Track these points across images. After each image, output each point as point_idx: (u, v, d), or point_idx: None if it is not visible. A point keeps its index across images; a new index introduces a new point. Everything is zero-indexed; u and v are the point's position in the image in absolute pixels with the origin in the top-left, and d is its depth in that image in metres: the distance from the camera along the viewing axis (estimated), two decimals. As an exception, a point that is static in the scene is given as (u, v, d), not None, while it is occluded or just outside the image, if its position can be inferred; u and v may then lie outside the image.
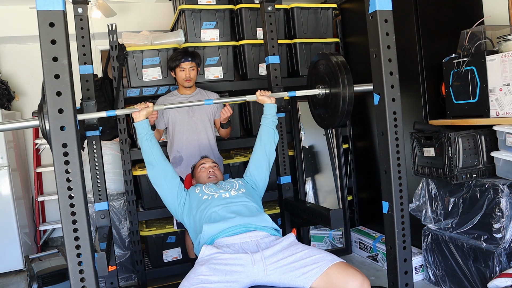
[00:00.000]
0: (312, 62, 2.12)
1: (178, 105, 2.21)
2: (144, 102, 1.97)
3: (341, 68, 1.83)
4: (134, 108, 1.95)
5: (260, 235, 1.78)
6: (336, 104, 1.86)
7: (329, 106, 1.95)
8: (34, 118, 1.46)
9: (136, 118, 1.96)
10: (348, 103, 1.81)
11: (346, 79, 1.81)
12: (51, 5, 1.09)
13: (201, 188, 2.09)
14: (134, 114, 1.96)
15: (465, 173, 2.30)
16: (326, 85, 1.97)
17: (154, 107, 1.97)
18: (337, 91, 1.84)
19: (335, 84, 1.86)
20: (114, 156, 3.19)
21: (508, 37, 2.20)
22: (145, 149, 1.99)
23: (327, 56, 1.95)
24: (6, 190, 3.44)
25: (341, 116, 1.86)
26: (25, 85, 4.17)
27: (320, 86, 2.00)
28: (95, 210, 2.34)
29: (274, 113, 2.17)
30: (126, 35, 2.96)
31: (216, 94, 2.87)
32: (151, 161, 1.99)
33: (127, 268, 3.13)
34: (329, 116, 1.98)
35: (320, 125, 2.17)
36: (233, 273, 1.57)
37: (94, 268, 1.14)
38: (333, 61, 1.87)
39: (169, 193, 2.03)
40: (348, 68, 1.84)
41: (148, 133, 1.98)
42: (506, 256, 2.17)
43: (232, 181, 2.16)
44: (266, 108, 2.18)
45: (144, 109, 1.95)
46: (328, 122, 2.01)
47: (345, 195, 3.29)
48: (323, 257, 1.59)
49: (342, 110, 1.84)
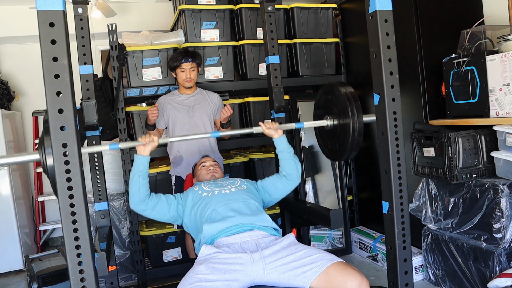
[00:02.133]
0: (319, 93, 2.09)
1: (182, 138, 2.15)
2: (149, 136, 1.90)
3: (351, 98, 1.81)
4: (139, 142, 1.88)
5: (260, 235, 1.78)
6: (345, 135, 1.83)
7: (338, 138, 1.92)
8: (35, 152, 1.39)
9: (140, 152, 1.89)
10: (358, 133, 1.78)
11: (356, 109, 1.78)
12: (51, 5, 1.09)
13: (200, 185, 2.09)
14: (138, 148, 1.90)
15: (465, 173, 2.30)
16: (334, 116, 1.94)
17: (159, 141, 1.90)
18: (346, 122, 1.81)
19: (344, 115, 1.83)
20: (114, 156, 3.19)
21: (508, 37, 2.20)
22: (134, 185, 1.89)
23: (335, 87, 1.92)
24: (6, 190, 3.44)
25: (351, 147, 1.83)
26: (25, 85, 4.18)
27: (328, 117, 1.98)
28: (95, 210, 2.34)
29: (286, 145, 2.09)
30: (126, 35, 2.96)
31: (216, 94, 2.87)
32: (137, 200, 1.90)
33: (127, 268, 3.13)
34: (338, 147, 1.95)
35: (329, 157, 2.12)
36: (232, 272, 1.57)
37: (94, 268, 1.14)
38: (342, 92, 1.86)
39: (175, 220, 2.04)
40: (358, 99, 1.82)
41: (145, 171, 1.90)
42: (506, 256, 2.17)
43: (234, 178, 2.16)
44: (277, 143, 2.09)
45: (150, 144, 1.88)
46: (337, 154, 1.97)
47: (345, 195, 3.29)
48: (323, 257, 1.59)
49: (352, 140, 1.80)
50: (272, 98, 2.44)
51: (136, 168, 1.90)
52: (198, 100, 2.76)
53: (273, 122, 2.10)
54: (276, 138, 2.08)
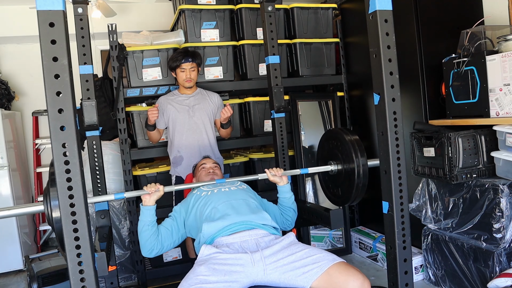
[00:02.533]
0: (322, 139, 2.12)
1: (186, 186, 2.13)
2: (155, 184, 1.87)
3: (355, 145, 1.85)
4: (144, 191, 1.85)
5: (260, 234, 1.78)
6: (350, 177, 1.86)
7: (344, 182, 1.95)
8: (39, 203, 1.39)
9: (145, 202, 1.86)
10: (363, 175, 1.82)
11: (360, 153, 1.82)
12: (51, 5, 1.09)
13: (199, 187, 2.09)
14: (143, 197, 1.87)
15: (465, 173, 2.30)
16: (338, 161, 1.96)
17: (164, 189, 1.87)
18: (351, 166, 1.84)
19: (348, 160, 1.86)
20: (114, 156, 3.19)
21: (508, 37, 2.20)
22: (144, 236, 1.86)
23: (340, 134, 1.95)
24: (6, 190, 3.44)
25: (356, 190, 1.86)
26: (25, 85, 4.18)
27: (332, 163, 1.99)
28: (95, 210, 2.34)
29: (290, 194, 2.11)
30: (126, 35, 2.96)
31: (216, 94, 2.87)
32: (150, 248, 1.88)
33: (127, 268, 3.13)
34: (343, 192, 1.98)
35: (334, 202, 2.15)
36: (232, 273, 1.56)
37: (94, 268, 1.14)
38: (347, 139, 1.88)
39: (183, 237, 2.02)
40: (362, 146, 1.85)
41: (153, 221, 1.87)
42: (506, 256, 2.17)
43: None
44: (282, 191, 2.11)
45: (155, 193, 1.86)
46: (342, 199, 2.00)
47: (345, 195, 3.28)
48: (324, 257, 1.59)
49: (358, 182, 1.83)
50: (272, 98, 2.44)
51: (144, 220, 1.86)
52: (198, 100, 2.76)
53: (278, 169, 2.10)
54: (281, 185, 2.10)
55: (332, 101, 3.33)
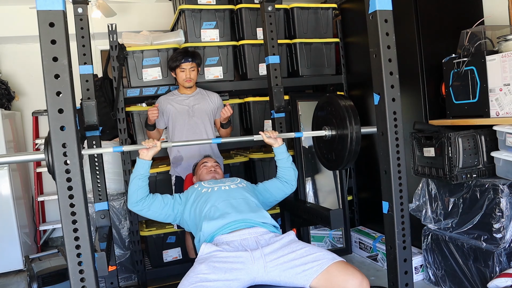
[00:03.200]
0: (318, 104, 2.12)
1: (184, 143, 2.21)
2: (152, 140, 1.93)
3: (349, 110, 1.85)
4: (142, 145, 1.92)
5: (259, 232, 1.78)
6: (343, 144, 1.87)
7: (336, 148, 1.96)
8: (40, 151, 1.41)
9: (142, 156, 1.94)
10: (356, 143, 1.82)
11: (354, 120, 1.82)
12: (51, 5, 1.09)
13: (200, 183, 2.10)
14: (141, 152, 1.94)
15: (465, 173, 2.30)
16: (333, 127, 1.97)
17: (162, 145, 1.92)
18: (344, 132, 1.85)
19: (343, 125, 1.86)
20: (114, 156, 3.20)
21: (508, 37, 2.20)
22: (132, 186, 1.95)
23: (334, 99, 1.95)
24: (6, 190, 3.44)
25: (348, 157, 1.86)
26: (25, 85, 4.18)
27: (326, 128, 2.00)
28: (95, 210, 2.34)
29: (286, 154, 2.14)
30: (126, 35, 2.96)
31: (216, 94, 2.87)
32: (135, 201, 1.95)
33: (127, 268, 3.13)
34: (336, 157, 1.98)
35: (326, 166, 2.16)
36: (232, 271, 1.56)
37: (94, 268, 1.14)
38: (342, 104, 1.89)
39: (170, 218, 2.06)
40: (356, 111, 1.85)
41: (145, 174, 1.95)
42: (506, 256, 2.17)
43: (234, 177, 2.17)
44: (277, 152, 2.13)
45: (152, 149, 1.93)
46: (335, 163, 2.01)
47: (345, 195, 3.28)
48: (324, 255, 1.59)
49: (350, 151, 1.84)
50: (272, 98, 2.44)
51: (137, 171, 1.95)
52: (198, 100, 2.76)
53: (273, 131, 2.12)
54: (276, 147, 2.11)
55: (332, 101, 3.32)
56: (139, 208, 1.98)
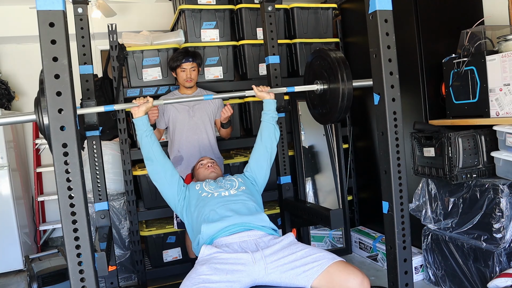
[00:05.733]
0: (310, 58, 2.11)
1: (177, 100, 2.23)
2: (143, 97, 1.94)
3: (340, 63, 1.83)
4: (133, 103, 1.92)
5: (258, 234, 1.78)
6: (335, 99, 1.86)
7: (328, 102, 1.94)
8: (31, 112, 1.41)
9: (135, 114, 1.93)
10: (347, 99, 1.81)
11: (345, 74, 1.80)
12: (51, 5, 1.09)
13: (201, 185, 2.09)
14: (133, 110, 1.93)
15: (465, 173, 2.30)
16: (324, 81, 1.96)
17: (153, 102, 1.93)
18: (336, 86, 1.83)
19: (334, 79, 1.85)
20: (114, 156, 3.19)
21: (508, 37, 2.20)
22: (144, 146, 1.95)
23: (325, 52, 1.94)
24: (6, 190, 3.44)
25: (340, 110, 1.85)
26: (25, 85, 4.17)
27: (318, 82, 1.99)
28: (95, 210, 2.34)
29: (273, 109, 2.15)
30: (126, 35, 2.96)
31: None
32: (151, 157, 1.96)
33: (127, 268, 3.13)
34: (328, 111, 1.97)
35: (319, 121, 2.16)
36: (234, 272, 1.57)
37: (94, 268, 1.14)
38: (332, 56, 1.87)
39: (169, 189, 2.02)
40: (347, 63, 1.83)
41: (148, 129, 1.95)
42: (506, 256, 2.17)
43: (231, 178, 2.15)
44: (266, 104, 2.16)
45: (144, 105, 1.92)
46: (327, 117, 2.00)
47: (345, 195, 3.28)
48: (324, 256, 1.59)
49: (341, 105, 1.83)
50: (272, 98, 2.43)
51: (139, 130, 1.95)
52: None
53: (266, 86, 2.16)
54: (267, 98, 2.14)
55: (332, 101, 3.32)
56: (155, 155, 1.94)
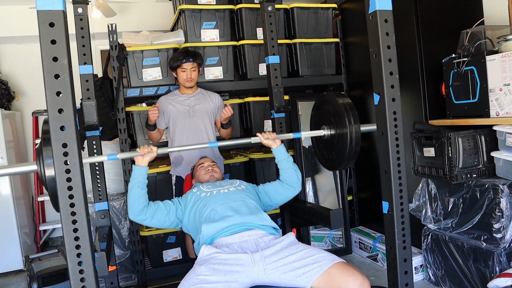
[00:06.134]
0: (316, 103, 2.10)
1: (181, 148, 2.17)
2: (148, 146, 1.89)
3: (348, 109, 1.82)
4: (137, 152, 1.87)
5: (259, 234, 1.78)
6: (343, 144, 1.83)
7: (335, 147, 1.93)
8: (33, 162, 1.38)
9: (138, 162, 1.88)
10: (356, 143, 1.79)
11: (353, 120, 1.79)
12: (51, 5, 1.09)
13: (199, 187, 2.09)
14: (136, 158, 1.88)
15: (465, 173, 2.30)
16: (331, 126, 1.94)
17: (158, 151, 1.88)
18: (343, 131, 1.82)
19: (342, 125, 1.83)
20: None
21: (508, 37, 2.20)
22: (132, 196, 1.88)
23: (333, 98, 1.93)
24: (6, 190, 3.44)
25: (348, 157, 1.83)
26: (25, 85, 4.18)
27: (325, 127, 1.98)
28: (95, 210, 2.34)
29: (286, 155, 2.08)
30: (126, 35, 2.96)
31: (217, 94, 2.87)
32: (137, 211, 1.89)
33: (127, 268, 3.13)
34: (336, 157, 1.95)
35: (326, 166, 2.12)
36: (232, 273, 1.56)
37: (94, 268, 1.14)
38: (340, 102, 1.86)
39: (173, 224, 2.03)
40: (355, 109, 1.82)
41: (143, 181, 1.89)
42: (506, 256, 2.17)
43: (233, 180, 2.16)
44: (276, 153, 2.07)
45: (148, 154, 1.87)
46: (335, 163, 1.97)
47: (345, 195, 3.28)
48: (324, 257, 1.59)
49: (350, 149, 1.80)
50: (272, 98, 2.44)
51: (135, 179, 1.88)
52: (198, 100, 2.76)
53: (271, 132, 2.08)
54: (274, 148, 2.07)
55: (332, 101, 3.32)
56: (142, 218, 1.91)
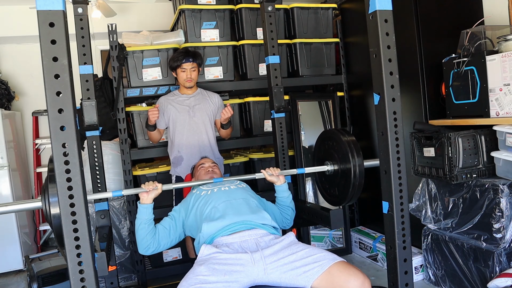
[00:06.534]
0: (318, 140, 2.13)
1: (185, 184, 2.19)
2: (153, 182, 1.87)
3: (351, 145, 1.85)
4: (142, 189, 1.86)
5: (259, 233, 1.78)
6: (347, 178, 1.86)
7: (339, 183, 1.95)
8: (37, 199, 1.38)
9: (143, 200, 1.87)
10: (359, 177, 1.81)
11: (356, 155, 1.82)
12: (51, 5, 1.09)
13: (198, 187, 2.09)
14: (141, 195, 1.88)
15: (465, 173, 2.30)
16: (335, 162, 1.96)
17: (163, 187, 1.87)
18: (347, 166, 1.84)
19: (345, 160, 1.85)
20: (114, 156, 3.19)
21: (508, 37, 2.20)
22: (140, 234, 1.87)
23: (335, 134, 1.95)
24: (6, 190, 3.44)
25: (352, 191, 1.86)
26: (25, 85, 4.18)
27: (329, 163, 2.00)
28: (95, 210, 2.34)
29: (288, 193, 2.12)
30: (126, 35, 2.96)
31: (217, 94, 2.87)
32: (147, 246, 1.89)
33: (127, 268, 3.13)
34: (339, 192, 1.98)
35: (330, 202, 2.15)
36: (232, 273, 1.56)
37: (94, 268, 1.14)
38: (343, 139, 1.88)
39: (181, 237, 2.02)
40: (358, 145, 1.85)
41: (149, 219, 1.88)
42: (506, 256, 2.17)
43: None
44: (279, 190, 2.11)
45: (153, 191, 1.87)
46: (339, 198, 2.00)
47: (345, 195, 3.28)
48: (324, 256, 1.59)
49: (353, 185, 1.83)
50: (272, 98, 2.44)
51: (141, 218, 1.88)
52: (198, 100, 2.76)
53: (275, 168, 2.10)
54: (278, 185, 2.10)
55: (332, 101, 3.33)
56: (152, 251, 1.91)
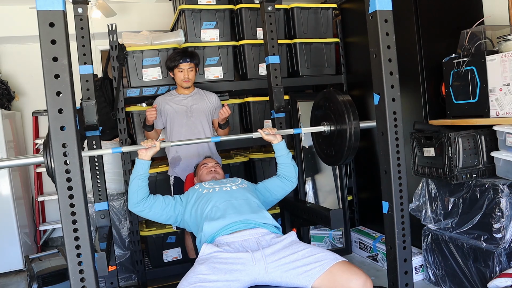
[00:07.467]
0: (316, 100, 2.13)
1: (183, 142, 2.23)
2: (151, 140, 1.91)
3: (347, 106, 1.85)
4: (141, 146, 1.90)
5: (261, 232, 1.78)
6: (342, 139, 1.87)
7: (335, 143, 1.96)
8: (39, 154, 1.40)
9: (141, 156, 1.91)
10: (355, 139, 1.82)
11: (353, 116, 1.82)
12: (51, 5, 1.09)
13: (201, 184, 2.11)
14: (140, 152, 1.92)
15: (465, 173, 2.30)
16: (331, 122, 1.97)
17: (161, 145, 1.90)
18: (343, 127, 1.85)
19: (341, 121, 1.86)
20: (114, 156, 3.20)
21: (508, 37, 2.20)
22: (132, 187, 1.93)
23: (332, 95, 1.96)
24: (6, 190, 3.44)
25: (347, 152, 1.87)
26: (25, 85, 4.18)
27: (325, 123, 2.01)
28: (95, 210, 2.34)
29: (286, 150, 2.15)
30: (126, 35, 2.96)
31: (214, 94, 2.87)
32: (136, 201, 1.94)
33: (127, 268, 3.13)
34: (335, 153, 1.98)
35: (326, 162, 2.16)
36: (233, 272, 1.56)
37: (94, 268, 1.14)
38: (340, 99, 1.89)
39: (170, 219, 2.05)
40: (354, 106, 1.85)
41: (144, 174, 1.93)
42: (506, 256, 2.17)
43: (234, 178, 2.17)
44: (277, 149, 2.14)
45: (151, 149, 1.90)
46: (334, 158, 2.01)
47: (345, 195, 3.28)
48: (326, 256, 1.59)
49: (349, 146, 1.84)
50: (272, 98, 2.44)
51: (137, 171, 1.92)
52: (196, 100, 2.76)
53: (272, 128, 2.12)
54: (275, 143, 2.12)
55: (332, 101, 3.32)
56: (140, 209, 1.96)
